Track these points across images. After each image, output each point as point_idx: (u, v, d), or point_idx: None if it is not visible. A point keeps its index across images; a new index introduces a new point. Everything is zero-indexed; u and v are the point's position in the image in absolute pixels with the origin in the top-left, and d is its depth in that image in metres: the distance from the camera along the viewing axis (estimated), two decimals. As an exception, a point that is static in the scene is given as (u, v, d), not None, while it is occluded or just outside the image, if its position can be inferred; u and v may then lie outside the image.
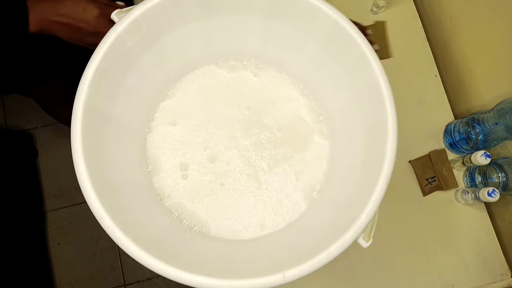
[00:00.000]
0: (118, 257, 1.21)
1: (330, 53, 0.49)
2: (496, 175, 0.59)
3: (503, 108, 0.55)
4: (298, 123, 0.59)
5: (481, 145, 0.60)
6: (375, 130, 0.44)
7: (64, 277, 1.19)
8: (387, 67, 0.43)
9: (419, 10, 0.71)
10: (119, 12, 0.44)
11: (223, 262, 0.47)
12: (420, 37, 0.70)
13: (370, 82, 0.44)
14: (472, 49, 0.65)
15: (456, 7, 0.66)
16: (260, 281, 0.37)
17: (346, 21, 0.44)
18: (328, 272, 0.60)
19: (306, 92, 0.59)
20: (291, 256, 0.43)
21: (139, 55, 0.47)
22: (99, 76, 0.42)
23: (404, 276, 0.61)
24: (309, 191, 0.56)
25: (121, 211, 0.41)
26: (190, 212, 0.55)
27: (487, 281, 0.61)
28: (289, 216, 0.55)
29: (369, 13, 0.70)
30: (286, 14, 0.48)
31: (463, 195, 0.62)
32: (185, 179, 0.56)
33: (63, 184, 1.24)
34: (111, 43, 0.42)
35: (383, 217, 0.54)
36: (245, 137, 0.58)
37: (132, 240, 0.38)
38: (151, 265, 0.37)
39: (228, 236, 0.54)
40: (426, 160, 0.64)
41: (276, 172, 0.57)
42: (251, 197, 0.56)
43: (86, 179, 0.39)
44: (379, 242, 0.54)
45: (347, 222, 0.40)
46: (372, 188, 0.40)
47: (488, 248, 0.62)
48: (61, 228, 1.22)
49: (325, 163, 0.57)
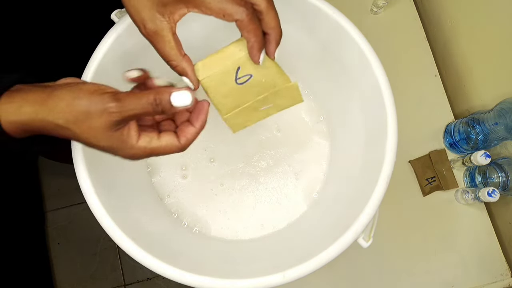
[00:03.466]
0: (118, 257, 1.21)
1: (330, 53, 0.49)
2: (496, 175, 0.59)
3: (503, 108, 0.55)
4: (298, 123, 0.59)
5: (481, 145, 0.60)
6: (375, 130, 0.44)
7: (64, 277, 1.19)
8: (387, 67, 0.43)
9: (419, 10, 0.71)
10: (119, 12, 0.44)
11: (223, 262, 0.47)
12: (420, 37, 0.70)
13: (370, 82, 0.44)
14: (472, 49, 0.65)
15: (456, 7, 0.66)
16: (260, 281, 0.37)
17: (346, 21, 0.44)
18: (328, 272, 0.60)
19: (306, 92, 0.59)
20: (291, 256, 0.43)
21: (139, 55, 0.47)
22: (99, 76, 0.42)
23: (404, 276, 0.61)
24: (309, 191, 0.56)
25: (121, 211, 0.41)
26: (190, 212, 0.55)
27: (487, 281, 0.61)
28: (289, 216, 0.55)
29: (369, 13, 0.70)
30: (286, 14, 0.48)
31: (463, 195, 0.62)
32: (185, 179, 0.56)
33: (63, 184, 1.24)
34: (111, 43, 0.42)
35: (383, 217, 0.54)
36: (245, 137, 0.58)
37: (132, 240, 0.38)
38: (151, 265, 0.37)
39: (228, 236, 0.54)
40: (426, 160, 0.64)
41: (276, 172, 0.57)
42: (251, 197, 0.56)
43: (86, 179, 0.39)
44: (379, 242, 0.54)
45: (347, 222, 0.40)
46: (372, 188, 0.40)
47: (488, 248, 0.62)
48: (61, 228, 1.22)
49: (325, 163, 0.57)
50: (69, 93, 0.29)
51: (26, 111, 0.29)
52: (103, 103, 0.29)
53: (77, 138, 0.30)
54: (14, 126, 0.29)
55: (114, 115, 0.29)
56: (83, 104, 0.29)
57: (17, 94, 0.29)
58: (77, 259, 1.20)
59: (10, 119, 0.29)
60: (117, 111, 0.29)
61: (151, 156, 0.32)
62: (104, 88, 0.30)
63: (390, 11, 0.70)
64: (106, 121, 0.29)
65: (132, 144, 0.31)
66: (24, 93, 0.29)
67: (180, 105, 0.30)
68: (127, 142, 0.31)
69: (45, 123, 0.29)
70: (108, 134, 0.29)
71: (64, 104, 0.29)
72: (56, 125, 0.29)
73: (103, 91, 0.30)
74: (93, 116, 0.29)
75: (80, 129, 0.29)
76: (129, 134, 0.31)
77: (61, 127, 0.29)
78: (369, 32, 0.45)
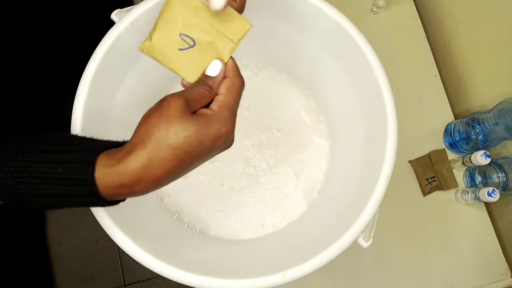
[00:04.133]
0: (118, 257, 1.21)
1: (330, 53, 0.49)
2: (496, 175, 0.59)
3: (503, 108, 0.55)
4: (298, 123, 0.59)
5: (481, 145, 0.60)
6: (375, 130, 0.44)
7: (64, 277, 1.19)
8: (387, 67, 0.43)
9: (419, 10, 0.71)
10: (119, 12, 0.44)
11: (223, 262, 0.47)
12: (420, 37, 0.70)
13: (370, 82, 0.44)
14: (472, 49, 0.65)
15: (456, 7, 0.66)
16: (260, 281, 0.37)
17: (346, 21, 0.44)
18: (328, 272, 0.60)
19: (306, 92, 0.59)
20: (291, 256, 0.43)
21: (139, 55, 0.47)
22: (99, 76, 0.42)
23: (404, 276, 0.61)
24: (309, 191, 0.56)
25: (121, 211, 0.41)
26: (190, 212, 0.55)
27: (487, 281, 0.61)
28: (289, 216, 0.55)
29: (369, 13, 0.70)
30: (286, 14, 0.48)
31: (463, 195, 0.62)
32: (185, 179, 0.56)
33: (63, 184, 1.24)
34: (111, 43, 0.42)
35: (383, 217, 0.53)
36: (245, 137, 0.58)
37: (132, 240, 0.38)
38: (151, 265, 0.37)
39: (228, 236, 0.54)
40: (426, 160, 0.64)
41: (276, 172, 0.57)
42: (251, 197, 0.56)
43: (86, 179, 0.39)
44: (379, 242, 0.54)
45: (347, 222, 0.40)
46: (372, 188, 0.40)
47: (488, 248, 0.62)
48: (61, 228, 1.22)
49: (325, 163, 0.57)
50: (141, 127, 0.31)
51: (120, 157, 0.29)
52: (163, 100, 0.31)
53: (172, 148, 0.30)
54: (108, 178, 0.29)
55: (177, 99, 0.31)
56: (154, 116, 0.30)
57: (114, 151, 0.30)
58: (77, 259, 1.20)
59: (107, 170, 0.29)
60: (177, 96, 0.31)
61: (234, 112, 0.34)
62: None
63: (390, 11, 0.70)
64: (177, 107, 0.30)
65: (211, 114, 0.32)
66: (119, 151, 0.30)
67: (217, 72, 0.35)
68: (206, 116, 0.32)
69: (142, 161, 0.29)
70: (187, 118, 0.30)
71: (143, 131, 0.30)
72: (152, 151, 0.29)
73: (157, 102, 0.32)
74: (165, 113, 0.30)
75: (167, 133, 0.30)
76: (201, 111, 0.32)
77: (155, 149, 0.29)
78: (369, 32, 0.45)
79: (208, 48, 0.36)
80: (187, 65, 0.36)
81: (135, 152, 0.29)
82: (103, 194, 0.30)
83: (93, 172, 0.29)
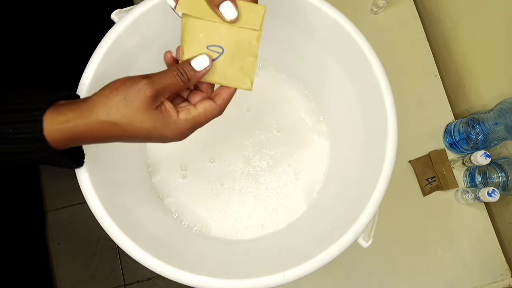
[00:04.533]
0: (118, 257, 1.21)
1: (330, 53, 0.49)
2: (496, 175, 0.59)
3: (503, 108, 0.55)
4: (298, 123, 0.59)
5: (481, 145, 0.60)
6: (375, 130, 0.45)
7: (64, 277, 1.19)
8: (387, 67, 0.43)
9: (419, 10, 0.71)
10: (119, 12, 0.44)
11: (223, 262, 0.47)
12: (420, 37, 0.70)
13: (370, 82, 0.44)
14: (472, 49, 0.65)
15: (456, 7, 0.66)
16: (260, 281, 0.37)
17: (346, 21, 0.44)
18: (328, 272, 0.60)
19: (306, 92, 0.59)
20: (291, 256, 0.43)
21: (139, 55, 0.47)
22: (99, 76, 0.42)
23: (404, 276, 0.61)
24: (309, 191, 0.56)
25: (121, 211, 0.41)
26: (190, 212, 0.55)
27: (487, 281, 0.61)
28: (289, 216, 0.55)
29: (369, 13, 0.70)
30: (287, 14, 0.48)
31: (463, 195, 0.62)
32: (185, 179, 0.56)
33: (63, 184, 1.24)
34: (111, 43, 0.42)
35: (383, 217, 0.53)
36: (245, 137, 0.58)
37: (132, 240, 0.38)
38: (151, 265, 0.38)
39: (228, 236, 0.54)
40: (426, 160, 0.64)
41: (276, 172, 0.57)
42: (251, 197, 0.56)
43: (86, 179, 0.39)
44: (379, 242, 0.54)
45: (347, 222, 0.40)
46: (372, 188, 0.40)
47: (488, 248, 0.62)
48: (61, 228, 1.22)
49: (325, 163, 0.57)
50: (106, 90, 0.31)
51: (69, 118, 0.31)
52: (136, 83, 0.31)
53: (122, 129, 0.31)
54: (58, 134, 0.31)
55: (148, 90, 0.31)
56: (119, 91, 0.31)
57: (62, 106, 0.32)
58: (77, 259, 1.20)
59: (56, 127, 0.30)
60: (149, 85, 0.31)
61: (194, 129, 0.34)
62: (134, 75, 0.32)
63: (390, 11, 0.70)
64: (143, 97, 0.31)
65: (174, 119, 0.33)
66: (68, 105, 0.32)
67: (202, 68, 0.34)
68: (168, 118, 0.32)
69: (88, 126, 0.31)
70: (149, 112, 0.31)
71: (103, 99, 0.31)
72: (98, 123, 0.31)
73: (133, 76, 0.32)
74: (131, 97, 0.31)
75: (122, 115, 0.31)
76: (167, 110, 0.33)
77: (104, 122, 0.31)
78: (369, 32, 0.45)
79: (237, 47, 0.36)
80: (227, 72, 0.36)
81: (87, 117, 0.31)
82: (55, 147, 0.31)
83: (42, 129, 0.30)
